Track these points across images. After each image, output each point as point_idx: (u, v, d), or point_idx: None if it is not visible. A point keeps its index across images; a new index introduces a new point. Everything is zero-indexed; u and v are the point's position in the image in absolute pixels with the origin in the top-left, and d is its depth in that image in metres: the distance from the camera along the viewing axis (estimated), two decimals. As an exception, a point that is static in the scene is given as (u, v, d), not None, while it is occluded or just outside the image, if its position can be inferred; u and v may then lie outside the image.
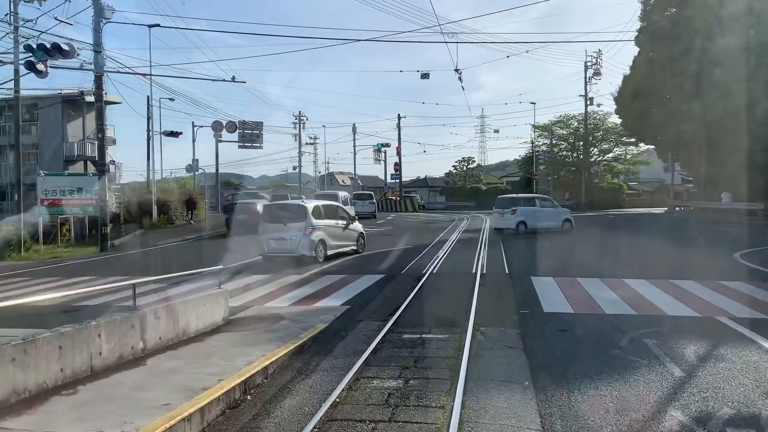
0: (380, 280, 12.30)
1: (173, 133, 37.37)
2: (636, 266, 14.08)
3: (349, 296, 10.53)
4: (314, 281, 12.43)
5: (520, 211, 23.55)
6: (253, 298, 10.52)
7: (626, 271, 13.08)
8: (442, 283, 11.82)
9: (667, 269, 13.30)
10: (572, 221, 24.47)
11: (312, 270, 14.02)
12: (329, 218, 16.54)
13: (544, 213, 24.14)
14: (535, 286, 11.24)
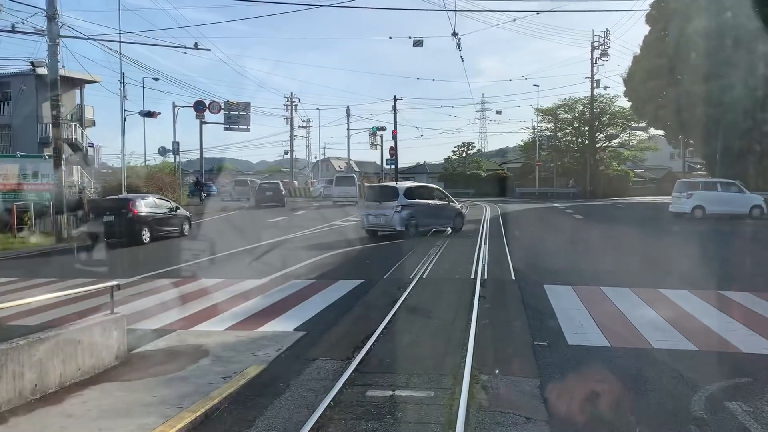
0: (356, 289, 9.85)
1: (150, 113, 34.75)
2: (669, 270, 11.62)
3: (310, 314, 8.08)
4: (274, 289, 9.97)
5: (696, 195, 23.59)
6: (182, 316, 8.06)
7: (659, 278, 10.64)
8: (432, 295, 9.36)
9: (708, 275, 10.83)
10: (764, 208, 23.52)
11: (276, 273, 11.56)
12: (423, 198, 18.29)
13: (725, 198, 23.61)
14: (550, 300, 8.79)
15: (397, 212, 17.24)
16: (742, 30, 28.84)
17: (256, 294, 9.60)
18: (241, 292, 9.71)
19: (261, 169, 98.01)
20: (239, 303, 8.90)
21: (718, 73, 31.58)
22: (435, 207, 18.44)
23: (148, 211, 17.75)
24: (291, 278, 11.11)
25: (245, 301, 9.01)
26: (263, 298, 9.25)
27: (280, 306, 8.67)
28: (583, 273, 11.29)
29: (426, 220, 17.93)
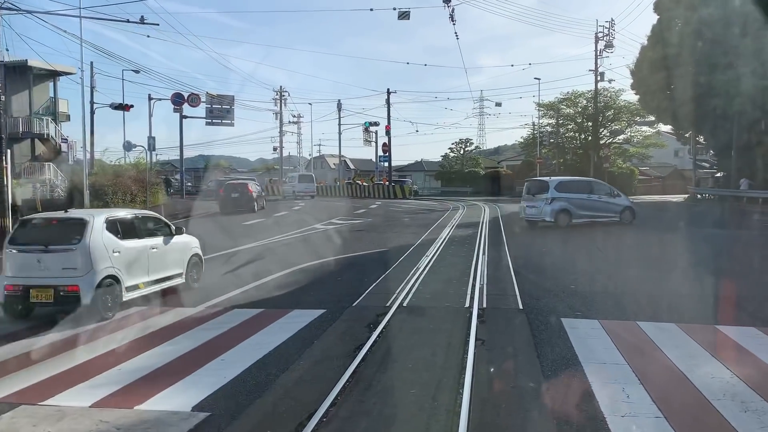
0: (311, 325, 7.36)
1: (122, 105, 32.23)
2: (719, 294, 9.15)
3: (231, 374, 5.58)
4: (204, 325, 7.49)
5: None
6: (42, 378, 5.57)
7: (708, 305, 8.20)
8: (412, 336, 6.85)
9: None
10: None
11: (217, 298, 9.06)
12: (578, 192, 19.10)
13: None
14: (574, 346, 6.32)
15: (548, 204, 18.56)
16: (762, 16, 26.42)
17: (176, 332, 7.11)
18: (157, 330, 7.24)
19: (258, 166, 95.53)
20: (143, 349, 6.42)
21: (733, 62, 29.19)
22: (593, 200, 19.19)
23: None
24: (235, 305, 8.64)
25: (152, 347, 6.53)
26: (180, 341, 6.76)
27: (195, 356, 6.19)
28: (609, 298, 8.82)
29: (581, 212, 18.83)
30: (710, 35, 30.42)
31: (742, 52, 28.64)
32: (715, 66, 30.25)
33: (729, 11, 29.56)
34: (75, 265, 7.82)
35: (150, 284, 8.98)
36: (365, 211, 28.34)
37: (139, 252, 8.88)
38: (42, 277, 7.80)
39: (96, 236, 8.08)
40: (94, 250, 7.97)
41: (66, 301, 7.73)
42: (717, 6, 30.39)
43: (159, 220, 10.13)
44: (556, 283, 9.99)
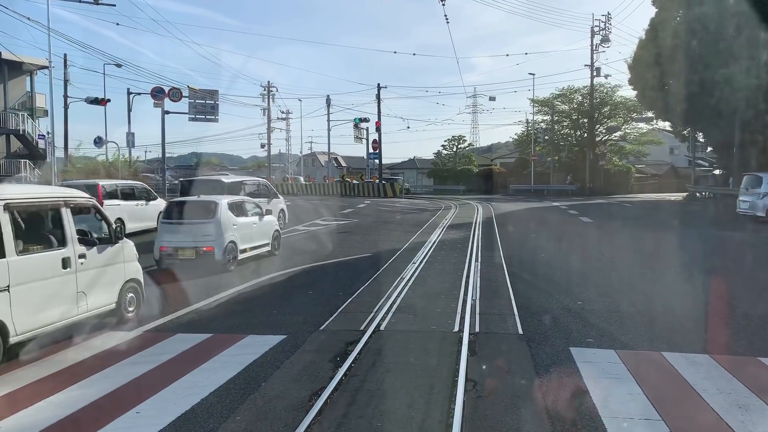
0: (262, 359, 5.97)
1: (98, 100, 30.66)
2: (754, 315, 7.83)
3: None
4: (128, 360, 6.07)
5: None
6: None
7: (743, 330, 6.90)
8: (385, 380, 5.42)
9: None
10: None
11: (161, 319, 7.67)
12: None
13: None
14: (591, 395, 4.96)
15: (760, 199, 19.51)
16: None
17: (95, 369, 5.70)
18: (72, 365, 5.82)
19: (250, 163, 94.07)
20: (43, 395, 5.02)
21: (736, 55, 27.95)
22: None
23: None
24: (180, 328, 7.25)
25: (56, 391, 5.12)
26: (96, 382, 5.35)
27: (106, 405, 4.80)
28: (625, 318, 7.49)
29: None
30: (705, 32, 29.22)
31: (736, 50, 27.48)
32: (710, 63, 29.07)
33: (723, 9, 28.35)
34: (210, 233, 11.13)
35: (252, 249, 12.22)
36: (352, 211, 26.95)
37: (247, 226, 12.15)
38: (186, 241, 11.09)
39: (223, 213, 11.40)
40: (223, 223, 11.29)
41: (204, 258, 10.99)
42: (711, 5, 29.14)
43: (257, 204, 13.49)
44: (560, 297, 8.64)
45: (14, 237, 5.88)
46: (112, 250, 7.31)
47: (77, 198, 7.07)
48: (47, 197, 6.75)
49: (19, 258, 5.92)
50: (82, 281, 6.71)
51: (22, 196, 6.36)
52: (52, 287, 6.29)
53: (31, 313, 5.99)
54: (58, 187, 9.06)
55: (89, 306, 6.83)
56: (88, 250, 6.87)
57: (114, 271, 7.32)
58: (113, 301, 7.29)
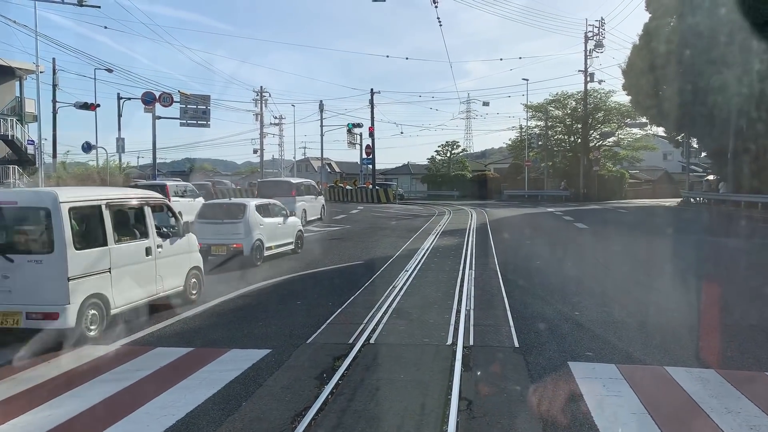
0: (245, 376, 5.64)
1: (87, 105, 30.26)
2: (759, 323, 7.57)
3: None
4: (101, 377, 5.73)
5: None
6: None
7: (750, 343, 6.63)
8: (374, 398, 5.10)
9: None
10: None
11: (141, 332, 7.33)
12: None
13: None
14: (593, 416, 4.66)
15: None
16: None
17: (67, 386, 5.36)
18: (43, 382, 5.48)
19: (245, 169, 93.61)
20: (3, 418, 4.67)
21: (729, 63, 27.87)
22: None
23: None
24: (161, 341, 6.92)
25: (21, 413, 4.78)
26: (64, 402, 5.01)
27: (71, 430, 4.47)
28: (624, 329, 7.20)
29: None
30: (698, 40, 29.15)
31: (729, 58, 27.40)
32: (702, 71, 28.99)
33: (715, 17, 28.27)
34: (239, 231, 12.37)
35: (276, 247, 13.49)
36: (345, 217, 26.63)
37: (272, 226, 13.40)
38: (219, 238, 12.22)
39: (251, 214, 12.67)
40: (251, 223, 12.55)
41: (234, 254, 12.14)
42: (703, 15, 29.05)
43: (282, 207, 14.49)
44: (556, 307, 8.36)
45: (113, 230, 7.32)
46: (180, 241, 8.66)
47: (155, 198, 8.52)
48: (135, 198, 8.14)
49: (117, 246, 7.34)
50: (160, 267, 8.06)
51: (118, 197, 7.81)
52: (139, 271, 7.71)
53: (125, 291, 7.39)
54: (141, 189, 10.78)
55: (165, 287, 8.19)
56: (163, 241, 8.23)
57: (182, 259, 8.68)
58: (181, 284, 8.58)
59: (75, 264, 6.68)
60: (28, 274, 6.58)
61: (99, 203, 7.25)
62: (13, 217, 7.06)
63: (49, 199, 6.71)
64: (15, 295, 6.55)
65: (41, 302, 6.53)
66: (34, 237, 7.00)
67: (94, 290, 6.94)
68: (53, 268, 6.58)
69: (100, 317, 7.01)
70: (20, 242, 7.00)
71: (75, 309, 6.61)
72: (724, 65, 28.20)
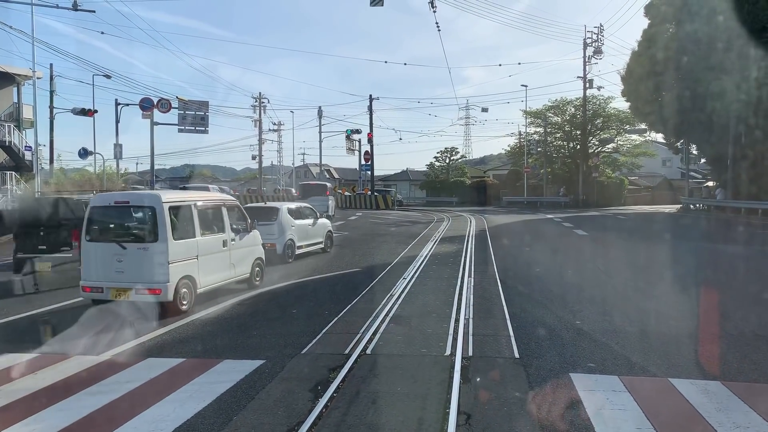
0: (237, 388, 5.46)
1: (85, 111, 30.13)
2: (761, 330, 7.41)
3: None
4: (89, 390, 5.56)
5: None
6: None
7: (763, 353, 6.47)
8: (369, 412, 4.90)
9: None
10: None
11: (135, 340, 7.15)
12: None
13: None
14: (595, 429, 4.50)
15: None
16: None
17: (52, 399, 5.19)
18: (12, 402, 5.30)
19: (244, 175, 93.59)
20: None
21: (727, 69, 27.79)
22: None
23: None
24: (152, 351, 6.74)
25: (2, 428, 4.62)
26: (49, 415, 4.84)
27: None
28: (626, 339, 7.04)
29: None
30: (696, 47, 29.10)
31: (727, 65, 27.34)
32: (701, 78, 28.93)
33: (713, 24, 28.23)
34: (273, 232, 13.49)
35: (307, 246, 14.90)
36: (343, 224, 26.46)
37: (303, 227, 14.74)
38: None
39: (284, 216, 14.06)
40: (284, 224, 13.91)
41: (269, 252, 11.96)
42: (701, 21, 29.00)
43: (312, 210, 15.88)
44: (557, 316, 8.20)
45: (200, 224, 8.96)
46: (248, 236, 10.44)
47: (230, 201, 10.49)
48: (214, 200, 10.05)
49: (202, 238, 9.00)
50: (233, 256, 9.78)
51: (203, 199, 9.64)
52: (217, 258, 9.39)
53: (207, 274, 9.03)
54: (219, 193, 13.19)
55: (236, 273, 9.92)
56: (236, 236, 9.96)
57: (249, 251, 10.41)
58: (248, 271, 10.34)
59: (173, 251, 8.27)
60: (136, 259, 8.24)
61: (189, 204, 8.89)
62: (126, 213, 8.82)
63: (155, 200, 8.39)
64: (126, 274, 8.22)
65: (147, 281, 8.16)
66: (142, 229, 8.54)
67: (186, 272, 8.54)
68: (157, 254, 8.18)
69: (189, 294, 8.60)
70: (131, 233, 8.62)
71: (173, 286, 8.21)
72: (723, 72, 28.11)
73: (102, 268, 8.35)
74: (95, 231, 8.65)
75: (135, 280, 8.19)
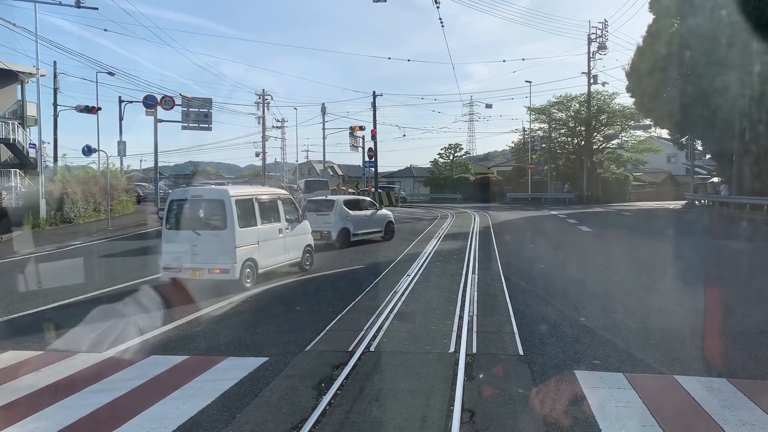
0: (240, 386, 5.46)
1: (89, 108, 30.12)
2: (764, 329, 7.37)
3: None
4: (91, 388, 5.56)
5: None
6: None
7: (761, 348, 6.43)
8: (372, 409, 4.89)
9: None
10: None
11: (140, 337, 7.16)
12: None
13: None
14: (600, 425, 4.48)
15: None
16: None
17: (44, 402, 5.19)
18: (16, 399, 5.31)
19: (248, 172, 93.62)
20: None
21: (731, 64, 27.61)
22: None
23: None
24: (155, 348, 6.75)
25: (7, 426, 4.63)
26: (51, 414, 4.85)
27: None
28: (631, 336, 7.01)
29: None
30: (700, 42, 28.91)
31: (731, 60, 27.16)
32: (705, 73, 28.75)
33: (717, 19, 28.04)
34: (330, 221, 15.57)
35: (364, 234, 16.71)
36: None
37: (359, 217, 16.60)
38: (316, 226, 14.19)
39: (339, 208, 15.92)
40: (338, 214, 15.82)
41: (325, 239, 15.17)
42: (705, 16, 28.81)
43: (373, 203, 18.31)
44: (561, 313, 8.18)
45: (260, 215, 10.58)
46: (299, 226, 12.02)
47: (285, 195, 12.12)
48: (271, 193, 11.71)
49: (262, 227, 10.61)
50: (287, 242, 11.39)
51: (262, 193, 11.33)
52: (274, 244, 10.96)
53: (266, 257, 10.64)
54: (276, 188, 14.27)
55: (289, 257, 11.52)
56: (289, 225, 11.56)
57: (300, 238, 11.94)
58: (299, 256, 11.86)
59: (239, 237, 9.81)
60: (209, 244, 9.77)
61: (251, 197, 10.53)
62: (200, 206, 10.41)
63: (224, 194, 9.99)
64: (200, 257, 9.70)
65: (217, 262, 9.67)
66: (214, 219, 10.11)
67: (249, 255, 10.08)
68: (226, 240, 9.73)
69: (252, 274, 10.17)
70: (204, 222, 10.21)
71: (239, 267, 9.74)
72: (727, 67, 27.93)
73: (180, 251, 9.78)
74: (174, 220, 10.15)
75: (208, 262, 9.68)
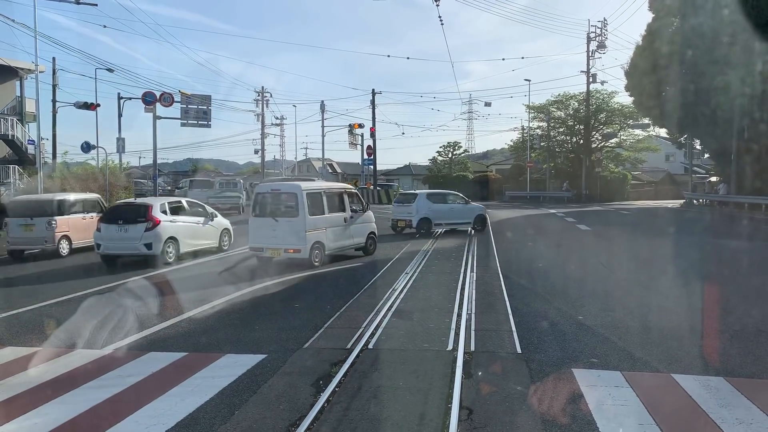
0: (238, 383, 5.46)
1: (87, 104, 30.08)
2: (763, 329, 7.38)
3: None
4: (90, 384, 5.56)
5: None
6: None
7: (766, 349, 6.45)
8: (370, 407, 4.90)
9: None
10: None
11: (138, 334, 7.16)
12: None
13: None
14: (597, 424, 4.49)
15: None
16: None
17: (42, 398, 5.19)
18: (15, 396, 5.31)
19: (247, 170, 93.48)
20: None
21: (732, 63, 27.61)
22: None
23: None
24: (154, 345, 6.75)
25: (5, 422, 4.63)
26: (49, 410, 4.85)
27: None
28: (629, 334, 7.02)
29: None
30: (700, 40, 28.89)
31: (731, 59, 27.16)
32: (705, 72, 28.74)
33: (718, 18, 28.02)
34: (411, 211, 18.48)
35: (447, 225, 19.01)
36: (346, 218, 26.43)
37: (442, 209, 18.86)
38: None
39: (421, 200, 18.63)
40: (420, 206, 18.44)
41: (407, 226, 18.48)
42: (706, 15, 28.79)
43: (460, 196, 19.98)
44: (560, 311, 8.18)
45: (327, 205, 12.61)
46: (363, 215, 13.81)
47: (350, 188, 14.16)
48: (337, 187, 13.80)
49: (328, 215, 12.60)
50: (352, 229, 13.34)
51: (330, 187, 13.64)
52: (339, 230, 12.93)
53: (332, 241, 12.66)
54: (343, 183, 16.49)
55: (353, 242, 13.50)
56: (353, 214, 13.43)
57: (364, 226, 13.82)
58: (363, 242, 13.79)
59: (309, 223, 11.92)
60: (285, 228, 12.01)
61: (320, 191, 12.75)
62: (277, 198, 12.72)
63: (297, 188, 12.25)
64: (278, 240, 11.99)
65: (291, 244, 11.90)
66: (288, 208, 12.25)
67: (317, 239, 12.18)
68: (298, 225, 11.86)
69: (320, 254, 12.25)
70: (281, 211, 12.38)
71: (308, 248, 11.90)
72: (727, 66, 27.94)
73: (262, 234, 12.13)
74: (258, 209, 12.48)
75: (284, 244, 11.93)
